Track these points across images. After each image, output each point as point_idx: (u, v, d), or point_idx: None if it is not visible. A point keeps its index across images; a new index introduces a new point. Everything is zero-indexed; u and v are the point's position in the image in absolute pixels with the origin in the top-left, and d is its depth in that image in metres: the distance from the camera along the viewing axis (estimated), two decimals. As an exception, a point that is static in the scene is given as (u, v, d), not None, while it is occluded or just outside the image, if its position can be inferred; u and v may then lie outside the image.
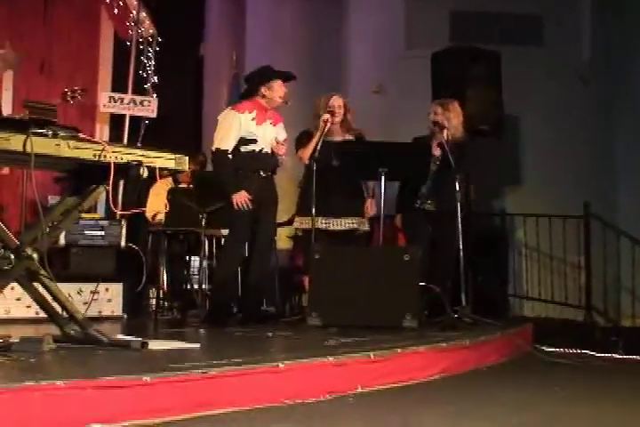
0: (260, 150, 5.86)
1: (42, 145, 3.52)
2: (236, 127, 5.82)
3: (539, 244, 8.20)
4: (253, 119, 5.86)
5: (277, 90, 5.89)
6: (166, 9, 9.83)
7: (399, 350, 3.91)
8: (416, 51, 8.81)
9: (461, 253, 5.96)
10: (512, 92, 8.18)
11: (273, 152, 5.94)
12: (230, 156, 5.81)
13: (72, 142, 3.63)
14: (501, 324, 5.84)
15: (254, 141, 5.84)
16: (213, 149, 5.88)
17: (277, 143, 5.90)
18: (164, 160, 3.91)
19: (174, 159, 3.95)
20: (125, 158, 3.75)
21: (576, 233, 7.74)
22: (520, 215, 8.33)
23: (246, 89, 6.10)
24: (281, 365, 3.22)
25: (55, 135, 3.59)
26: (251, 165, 5.83)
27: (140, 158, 3.79)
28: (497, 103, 7.66)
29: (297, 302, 7.39)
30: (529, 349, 5.69)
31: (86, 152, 3.67)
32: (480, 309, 6.33)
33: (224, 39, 10.07)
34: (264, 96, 5.90)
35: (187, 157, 4.07)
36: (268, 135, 5.90)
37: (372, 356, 3.72)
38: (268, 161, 5.92)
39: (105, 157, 3.69)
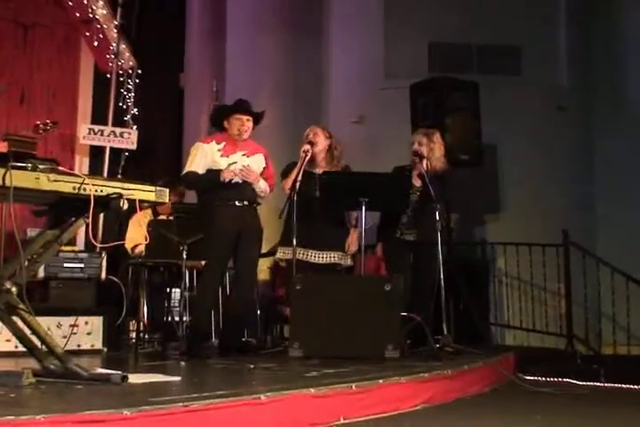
0: (230, 181, 5.85)
1: (21, 178, 3.51)
2: (200, 156, 5.93)
3: (519, 272, 8.25)
4: (220, 150, 5.94)
5: (233, 123, 5.97)
6: (146, 41, 9.90)
7: (381, 381, 3.89)
8: (395, 81, 8.86)
9: (442, 283, 5.99)
10: (492, 122, 8.30)
11: (248, 183, 5.93)
12: (199, 171, 5.96)
13: (52, 175, 3.62)
14: (483, 353, 5.85)
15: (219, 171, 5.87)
16: (182, 175, 6.08)
17: (242, 169, 5.85)
18: (145, 192, 3.91)
19: (154, 191, 3.95)
20: (105, 191, 3.75)
21: (556, 261, 7.76)
22: (500, 244, 8.37)
23: (213, 124, 6.36)
24: (263, 397, 3.20)
25: (35, 169, 3.58)
26: (221, 195, 5.86)
27: (120, 191, 3.78)
28: (476, 133, 7.76)
29: (278, 333, 7.36)
30: (511, 378, 5.68)
31: (66, 185, 3.66)
32: (462, 338, 6.33)
33: (204, 70, 10.09)
34: (227, 130, 6.02)
35: (167, 190, 4.06)
36: (238, 166, 5.88)
37: (353, 387, 3.70)
38: (241, 191, 5.91)
39: (85, 189, 3.69)
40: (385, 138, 8.51)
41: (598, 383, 6.02)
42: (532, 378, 5.95)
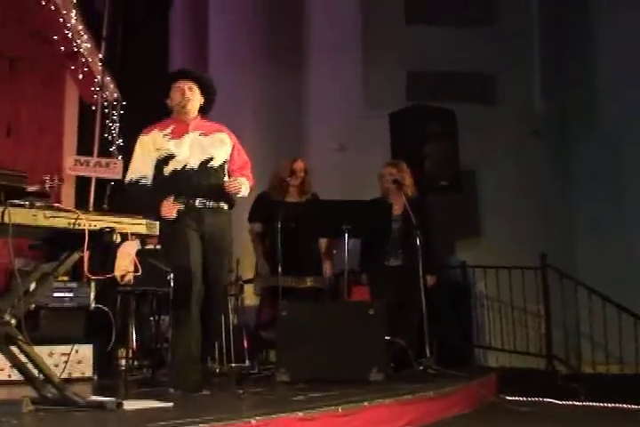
0: (183, 167, 4.91)
1: (19, 216, 3.66)
2: (139, 152, 5.02)
3: (499, 295, 8.43)
4: (166, 135, 4.95)
5: (173, 96, 5.05)
6: (130, 73, 10.08)
7: (366, 404, 4.06)
8: (374, 110, 9.09)
9: (424, 307, 6.17)
10: (470, 148, 8.52)
11: (211, 169, 4.99)
12: (144, 181, 5.02)
13: (48, 212, 3.78)
14: (465, 375, 6.01)
15: (171, 157, 4.91)
16: (125, 185, 5.20)
17: (228, 184, 4.99)
18: (136, 226, 4.07)
19: (145, 224, 4.10)
20: (99, 225, 3.91)
21: (535, 284, 7.96)
22: (480, 267, 8.55)
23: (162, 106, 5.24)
24: (253, 421, 3.35)
25: (32, 206, 3.74)
26: (175, 187, 4.91)
27: (112, 225, 3.95)
28: (454, 159, 7.95)
29: (264, 357, 7.48)
30: (493, 398, 5.85)
31: (61, 221, 3.82)
32: (445, 360, 6.49)
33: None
34: (171, 108, 5.09)
35: (157, 222, 4.22)
36: (197, 148, 4.96)
37: (340, 410, 3.86)
38: (200, 180, 4.93)
39: (79, 224, 3.85)
40: (366, 166, 8.68)
41: (577, 402, 6.19)
42: (513, 398, 6.12)
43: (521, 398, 6.12)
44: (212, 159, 4.97)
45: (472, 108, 9.33)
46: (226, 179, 5.05)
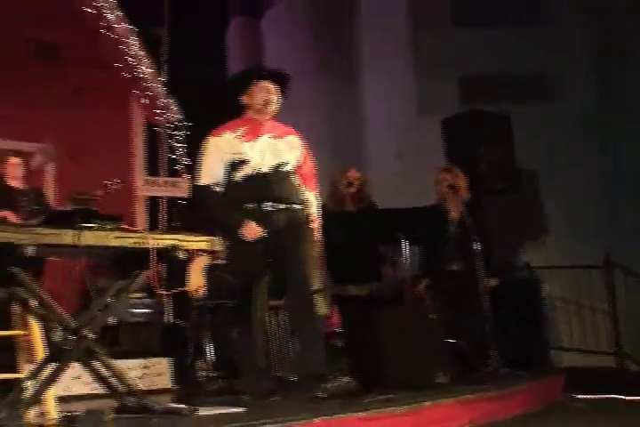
0: (257, 173, 4.71)
1: (90, 238, 3.94)
2: (212, 154, 4.75)
3: (567, 294, 8.49)
4: (239, 137, 4.73)
5: (255, 94, 4.80)
6: (191, 93, 10.44)
7: (427, 403, 4.22)
8: (429, 116, 9.23)
9: (486, 310, 6.30)
10: (529, 149, 8.61)
11: (283, 173, 4.81)
12: (217, 188, 4.79)
13: (116, 233, 4.05)
14: (530, 375, 6.10)
15: (245, 162, 4.71)
16: (195, 189, 5.00)
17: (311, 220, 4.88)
18: (199, 243, 4.32)
19: (208, 241, 4.35)
20: (163, 244, 4.17)
21: (601, 282, 7.99)
22: (544, 268, 8.61)
23: (229, 104, 5.08)
24: (316, 420, 3.55)
25: (101, 228, 4.01)
26: (249, 193, 4.72)
27: (176, 243, 4.20)
28: (510, 161, 8.04)
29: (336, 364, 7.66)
30: (560, 397, 5.93)
31: (129, 240, 4.08)
32: (515, 362, 6.56)
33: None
34: (248, 107, 4.87)
35: (219, 238, 4.46)
36: (269, 151, 4.77)
37: (401, 410, 4.02)
38: (273, 185, 4.74)
39: (145, 243, 4.11)
40: (423, 171, 8.84)
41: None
42: (581, 397, 6.19)
43: (589, 396, 6.18)
44: (285, 164, 4.79)
45: (531, 108, 9.43)
46: (297, 182, 4.88)
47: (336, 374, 6.67)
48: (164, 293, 6.80)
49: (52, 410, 3.98)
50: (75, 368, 5.12)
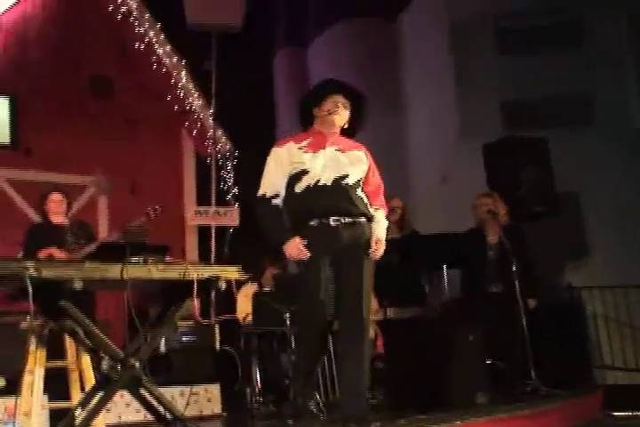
0: (317, 183, 4.57)
1: (135, 271, 4.20)
2: (274, 165, 4.66)
3: (610, 313, 8.56)
4: (302, 148, 4.65)
5: (324, 106, 4.72)
6: (241, 123, 10.75)
7: (458, 422, 4.39)
8: (471, 141, 9.39)
9: (527, 330, 6.44)
10: (570, 170, 8.74)
11: (346, 186, 4.62)
12: (276, 201, 4.65)
13: (160, 266, 4.31)
14: (568, 393, 6.22)
15: (305, 172, 4.58)
16: (256, 199, 4.78)
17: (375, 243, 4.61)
18: (236, 273, 4.56)
19: (238, 271, 4.59)
20: (205, 275, 4.41)
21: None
22: (586, 288, 8.70)
23: (301, 118, 4.94)
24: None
25: (146, 262, 4.27)
26: (310, 206, 4.55)
27: (217, 273, 4.45)
28: (548, 185, 8.17)
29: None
30: (598, 415, 6.04)
31: (172, 273, 4.34)
32: (558, 381, 6.68)
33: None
34: (316, 119, 4.78)
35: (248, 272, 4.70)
36: (332, 163, 4.63)
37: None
38: (335, 198, 4.57)
39: (189, 274, 4.36)
40: (466, 195, 9.01)
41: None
42: (620, 414, 6.28)
43: (629, 413, 6.26)
44: (346, 176, 4.61)
45: (571, 130, 9.55)
46: (361, 196, 4.69)
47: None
48: (213, 320, 7.05)
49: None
50: (125, 397, 5.39)
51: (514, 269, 6.55)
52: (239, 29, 10.08)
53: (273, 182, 4.64)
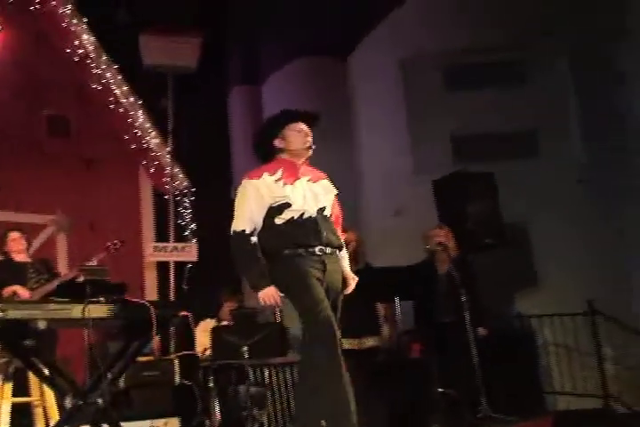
0: (301, 215, 4.52)
1: (97, 311, 4.39)
2: (253, 198, 4.52)
3: (558, 341, 8.85)
4: (279, 180, 4.57)
5: (296, 137, 4.67)
6: (197, 160, 10.96)
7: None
8: (423, 176, 9.66)
9: (476, 359, 6.69)
10: (518, 203, 9.06)
11: (327, 218, 4.64)
12: (254, 238, 4.54)
13: (121, 305, 4.51)
14: (519, 419, 6.45)
15: (287, 205, 4.52)
16: (232, 234, 4.58)
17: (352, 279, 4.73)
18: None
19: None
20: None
21: (588, 328, 8.37)
22: (532, 316, 8.98)
23: (259, 151, 4.85)
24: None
25: (107, 301, 4.46)
26: (296, 238, 4.48)
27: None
28: (496, 217, 8.45)
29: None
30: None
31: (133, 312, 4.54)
32: (509, 407, 6.91)
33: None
34: (283, 150, 4.71)
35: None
36: (309, 195, 4.61)
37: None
38: (321, 230, 4.53)
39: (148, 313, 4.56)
40: (419, 228, 9.29)
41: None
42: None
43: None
44: (324, 208, 4.63)
45: (518, 164, 9.89)
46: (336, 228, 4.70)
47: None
48: (172, 355, 7.21)
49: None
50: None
51: (463, 299, 6.81)
52: (194, 70, 10.30)
53: (252, 217, 4.51)
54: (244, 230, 4.49)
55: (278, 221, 4.49)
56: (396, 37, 10.71)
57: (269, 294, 4.41)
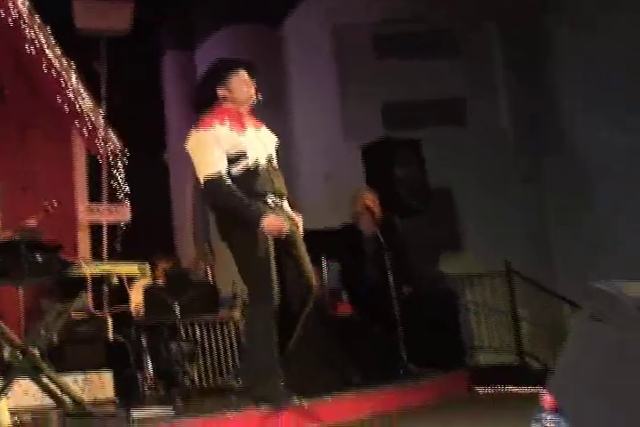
0: (255, 165, 4.52)
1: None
2: (214, 144, 4.44)
3: (479, 299, 9.27)
4: (231, 129, 4.50)
5: (240, 86, 4.65)
6: (130, 124, 11.06)
7: (329, 398, 4.90)
8: (353, 141, 9.93)
9: (398, 315, 7.02)
10: (444, 169, 9.39)
11: (275, 166, 4.70)
12: (229, 180, 4.46)
13: (56, 263, 4.69)
14: (438, 372, 6.81)
15: (243, 155, 4.50)
16: (201, 181, 4.51)
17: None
18: (129, 269, 4.97)
19: (137, 267, 5.00)
20: (98, 270, 4.81)
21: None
22: (456, 276, 9.35)
23: (201, 98, 4.87)
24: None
25: (42, 260, 4.64)
26: (251, 188, 4.49)
27: (109, 270, 4.86)
28: (423, 182, 8.75)
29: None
30: (464, 392, 6.65)
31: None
32: (430, 361, 7.24)
33: (184, 146, 11.27)
34: (226, 99, 4.66)
35: (147, 265, 5.11)
36: (258, 143, 4.60)
37: (307, 404, 4.64)
38: (272, 179, 4.60)
39: (82, 272, 4.76)
40: (347, 193, 9.56)
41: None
42: (484, 390, 6.93)
43: (490, 390, 6.91)
44: (272, 156, 4.68)
45: (445, 131, 10.22)
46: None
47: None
48: (106, 312, 7.40)
49: (5, 420, 4.58)
50: (22, 385, 5.74)
51: (388, 260, 7.11)
52: (127, 33, 10.36)
53: (220, 161, 4.43)
54: (219, 172, 4.41)
55: (234, 170, 4.47)
56: (329, 5, 10.93)
57: (274, 223, 4.39)
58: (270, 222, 4.37)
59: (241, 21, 11.25)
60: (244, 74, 4.66)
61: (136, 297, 8.04)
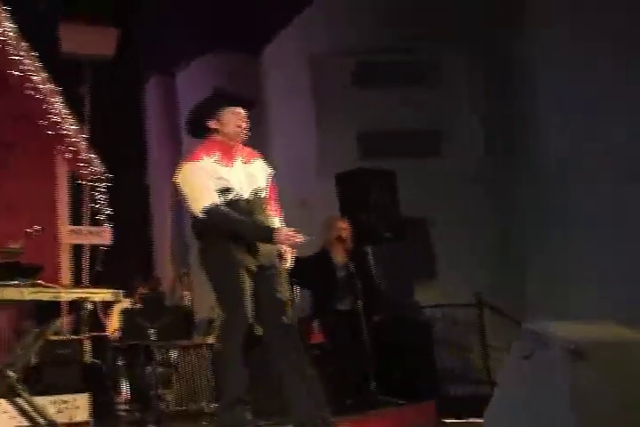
0: (239, 199, 4.59)
1: (9, 293, 4.74)
2: (205, 177, 4.55)
3: (449, 330, 9.44)
4: (218, 162, 4.60)
5: (231, 120, 4.69)
6: (112, 147, 11.23)
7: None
8: (329, 169, 10.08)
9: (368, 344, 7.19)
10: (419, 198, 9.59)
11: (262, 200, 4.76)
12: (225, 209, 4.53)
13: (33, 289, 4.86)
14: (405, 402, 6.95)
15: (228, 189, 4.58)
16: (199, 212, 4.54)
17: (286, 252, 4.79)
18: (103, 295, 5.15)
19: (111, 294, 5.18)
20: (74, 297, 4.99)
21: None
22: (427, 307, 9.55)
23: (193, 130, 4.96)
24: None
25: (19, 285, 4.81)
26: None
27: (84, 296, 5.03)
28: (396, 214, 8.94)
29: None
30: (429, 422, 6.78)
31: (45, 295, 4.91)
32: (401, 391, 7.36)
33: (165, 169, 11.44)
34: (218, 132, 4.74)
35: (120, 291, 5.29)
36: (245, 177, 4.67)
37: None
38: (255, 213, 4.64)
39: (60, 296, 4.94)
40: (322, 221, 9.73)
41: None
42: (449, 421, 7.06)
43: (457, 421, 7.02)
44: (261, 190, 4.76)
45: (420, 162, 10.44)
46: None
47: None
48: (84, 335, 7.57)
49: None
50: (2, 404, 5.88)
51: (359, 289, 7.29)
52: (111, 57, 10.55)
53: (213, 193, 4.53)
54: (214, 203, 4.50)
55: (219, 202, 4.52)
56: (307, 35, 11.16)
57: (284, 234, 4.49)
58: (285, 235, 4.48)
59: (222, 49, 11.47)
60: (239, 109, 4.72)
61: (114, 321, 8.21)
